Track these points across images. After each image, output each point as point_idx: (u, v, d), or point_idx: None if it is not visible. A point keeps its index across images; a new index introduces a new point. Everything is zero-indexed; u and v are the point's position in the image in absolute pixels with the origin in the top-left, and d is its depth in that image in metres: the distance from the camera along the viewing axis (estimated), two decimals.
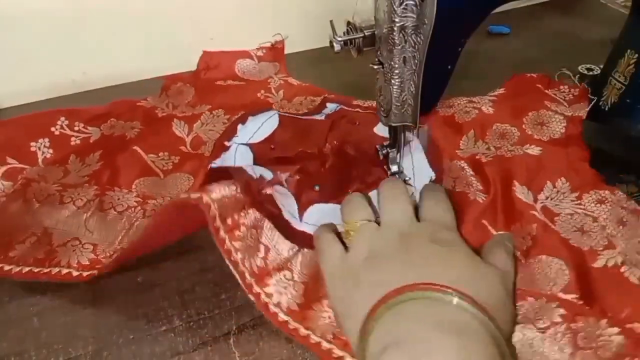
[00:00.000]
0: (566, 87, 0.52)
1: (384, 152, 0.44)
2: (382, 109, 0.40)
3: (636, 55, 0.46)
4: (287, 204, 0.43)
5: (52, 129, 0.50)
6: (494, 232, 0.41)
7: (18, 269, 0.39)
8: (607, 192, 0.41)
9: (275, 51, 0.64)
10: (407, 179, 0.45)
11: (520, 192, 0.42)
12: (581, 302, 0.35)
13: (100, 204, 0.45)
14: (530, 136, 0.47)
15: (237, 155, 0.48)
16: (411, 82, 0.37)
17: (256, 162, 0.48)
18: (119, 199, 0.45)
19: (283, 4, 0.67)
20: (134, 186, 0.47)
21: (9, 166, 0.47)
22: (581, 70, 0.58)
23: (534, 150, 0.45)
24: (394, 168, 0.45)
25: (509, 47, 0.68)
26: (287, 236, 0.40)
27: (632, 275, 0.36)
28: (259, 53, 0.63)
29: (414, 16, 0.33)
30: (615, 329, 0.33)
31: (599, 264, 0.37)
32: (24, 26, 0.58)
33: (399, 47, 0.35)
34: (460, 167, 0.45)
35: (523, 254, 0.39)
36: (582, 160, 0.44)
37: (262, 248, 0.38)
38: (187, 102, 0.56)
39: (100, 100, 0.56)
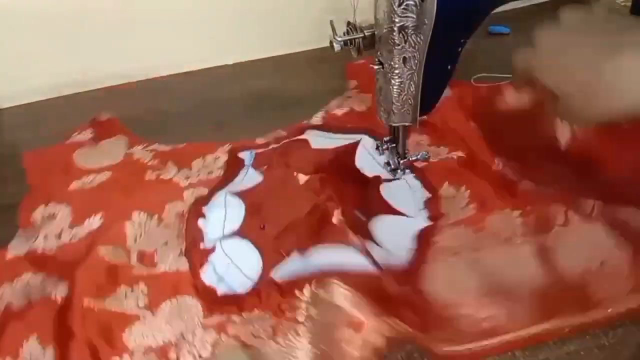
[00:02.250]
0: None
1: (384, 147, 0.44)
2: (382, 109, 0.40)
3: None
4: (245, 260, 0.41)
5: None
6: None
7: None
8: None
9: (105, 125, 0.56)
10: (407, 179, 0.45)
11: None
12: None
13: None
14: None
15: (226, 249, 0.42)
16: (411, 82, 0.37)
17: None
18: None
19: (283, 4, 0.67)
20: None
21: None
22: None
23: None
24: (392, 164, 0.44)
25: (509, 47, 0.68)
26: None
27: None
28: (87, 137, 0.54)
29: (414, 16, 0.33)
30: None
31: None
32: (24, 26, 0.58)
33: (399, 47, 0.35)
34: (474, 127, 0.49)
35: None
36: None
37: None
38: None
39: (100, 100, 0.56)
